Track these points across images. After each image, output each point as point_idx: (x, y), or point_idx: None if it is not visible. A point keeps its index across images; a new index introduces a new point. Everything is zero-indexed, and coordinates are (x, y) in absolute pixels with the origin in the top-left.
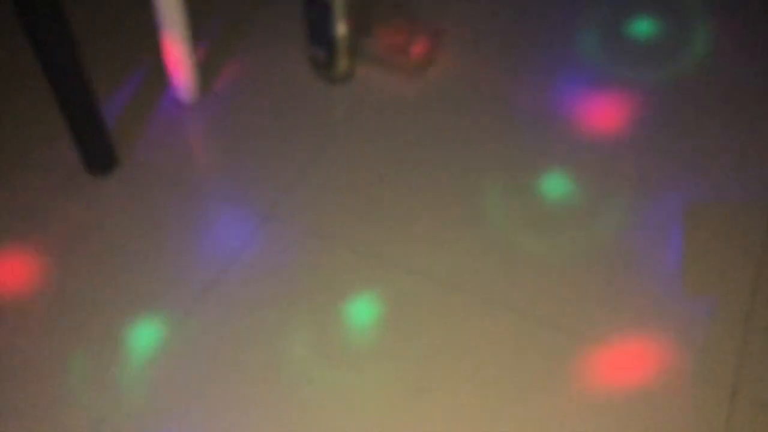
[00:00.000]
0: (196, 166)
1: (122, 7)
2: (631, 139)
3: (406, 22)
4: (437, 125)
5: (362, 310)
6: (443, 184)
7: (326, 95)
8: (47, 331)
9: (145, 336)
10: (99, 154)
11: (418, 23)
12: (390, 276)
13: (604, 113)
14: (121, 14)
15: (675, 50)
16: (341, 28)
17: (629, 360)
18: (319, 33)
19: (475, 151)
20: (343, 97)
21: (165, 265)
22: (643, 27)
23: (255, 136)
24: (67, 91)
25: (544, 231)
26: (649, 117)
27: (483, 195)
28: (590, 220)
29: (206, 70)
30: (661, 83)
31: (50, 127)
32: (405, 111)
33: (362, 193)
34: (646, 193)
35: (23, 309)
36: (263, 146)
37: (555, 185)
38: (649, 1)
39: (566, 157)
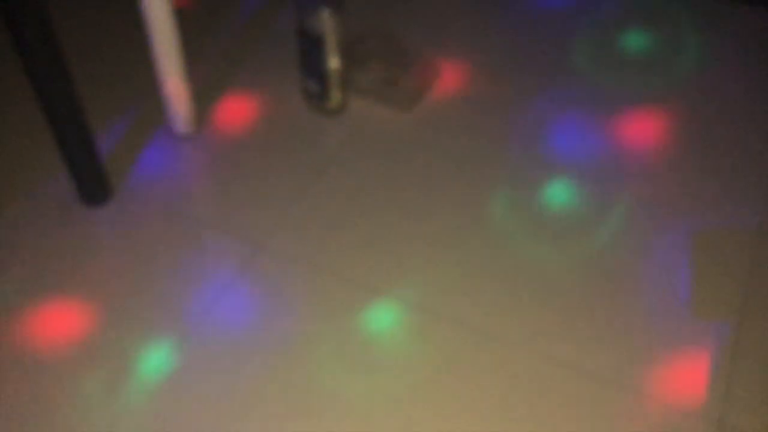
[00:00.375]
0: (190, 197)
1: (118, 40)
2: (622, 164)
3: (398, 56)
4: (429, 157)
5: (356, 340)
6: (435, 216)
7: (320, 127)
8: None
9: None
10: (93, 185)
11: (410, 56)
12: (383, 306)
13: (598, 141)
14: (117, 47)
15: (670, 68)
16: (334, 62)
17: (613, 391)
18: (313, 66)
19: (467, 183)
20: (337, 129)
21: (158, 295)
22: (637, 41)
23: (248, 167)
24: (62, 122)
25: (534, 266)
26: (641, 142)
27: (475, 226)
28: (583, 249)
29: (201, 102)
30: (657, 104)
31: (45, 158)
32: (397, 143)
33: (354, 224)
34: (637, 219)
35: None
36: (256, 177)
37: (548, 218)
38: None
39: (560, 191)
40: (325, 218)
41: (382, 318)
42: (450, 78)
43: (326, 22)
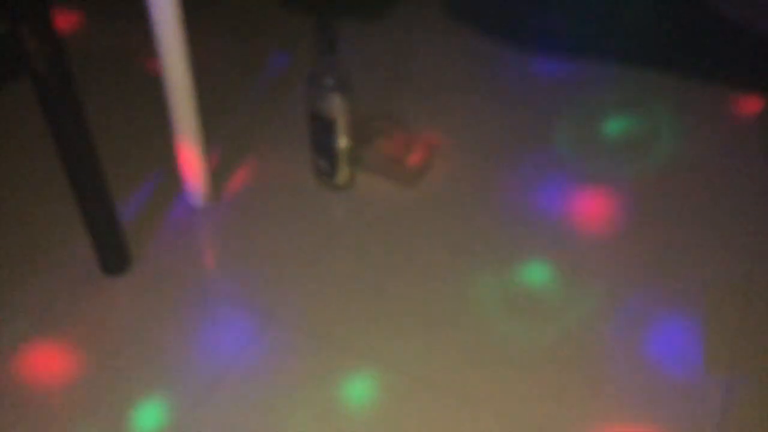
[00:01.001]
0: (204, 269)
1: (139, 113)
2: (615, 234)
3: (402, 134)
4: (431, 231)
5: (360, 412)
6: (437, 288)
7: (328, 202)
8: (63, 421)
9: (152, 429)
10: (114, 254)
11: (414, 135)
12: (385, 377)
13: (591, 212)
14: (137, 119)
15: (649, 146)
16: (343, 142)
17: None
18: (323, 146)
19: (467, 256)
20: (344, 204)
21: (171, 364)
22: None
23: (260, 239)
24: (86, 194)
25: (531, 336)
26: (629, 212)
27: (473, 299)
28: (568, 319)
29: (217, 175)
30: (637, 178)
31: (67, 228)
32: (401, 217)
33: (359, 297)
34: (627, 285)
35: (40, 401)
36: (268, 249)
37: (546, 290)
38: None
39: (558, 260)
40: (332, 290)
41: (382, 389)
42: (450, 157)
43: (337, 106)
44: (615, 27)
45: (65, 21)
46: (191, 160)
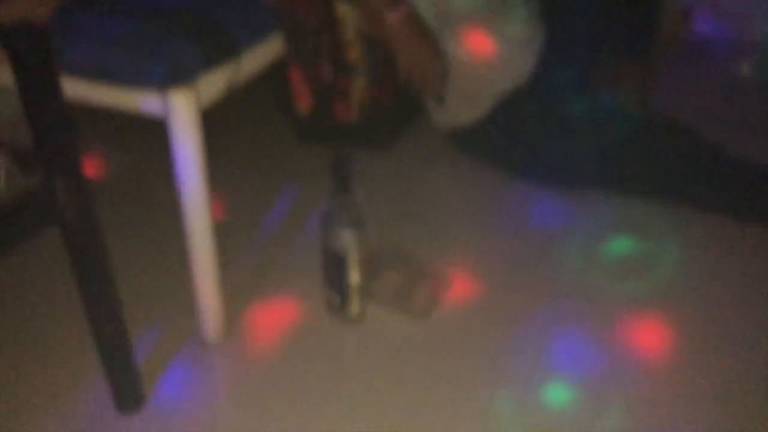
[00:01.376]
0: (217, 407)
1: (153, 248)
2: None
3: (411, 269)
4: (442, 364)
5: None
6: (448, 424)
7: (340, 336)
8: None
9: None
10: (128, 393)
11: (422, 270)
12: None
13: (598, 346)
14: (151, 254)
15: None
16: (354, 277)
17: None
18: (335, 280)
19: (479, 390)
20: (355, 338)
21: None
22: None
23: (272, 375)
24: (104, 334)
25: None
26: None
27: None
28: None
29: (230, 310)
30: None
31: (82, 366)
32: (412, 351)
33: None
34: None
35: None
36: (279, 387)
37: (565, 421)
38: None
39: (577, 389)
40: (343, 426)
41: None
42: (460, 289)
43: (349, 243)
44: (617, 159)
45: (89, 166)
46: (206, 297)
